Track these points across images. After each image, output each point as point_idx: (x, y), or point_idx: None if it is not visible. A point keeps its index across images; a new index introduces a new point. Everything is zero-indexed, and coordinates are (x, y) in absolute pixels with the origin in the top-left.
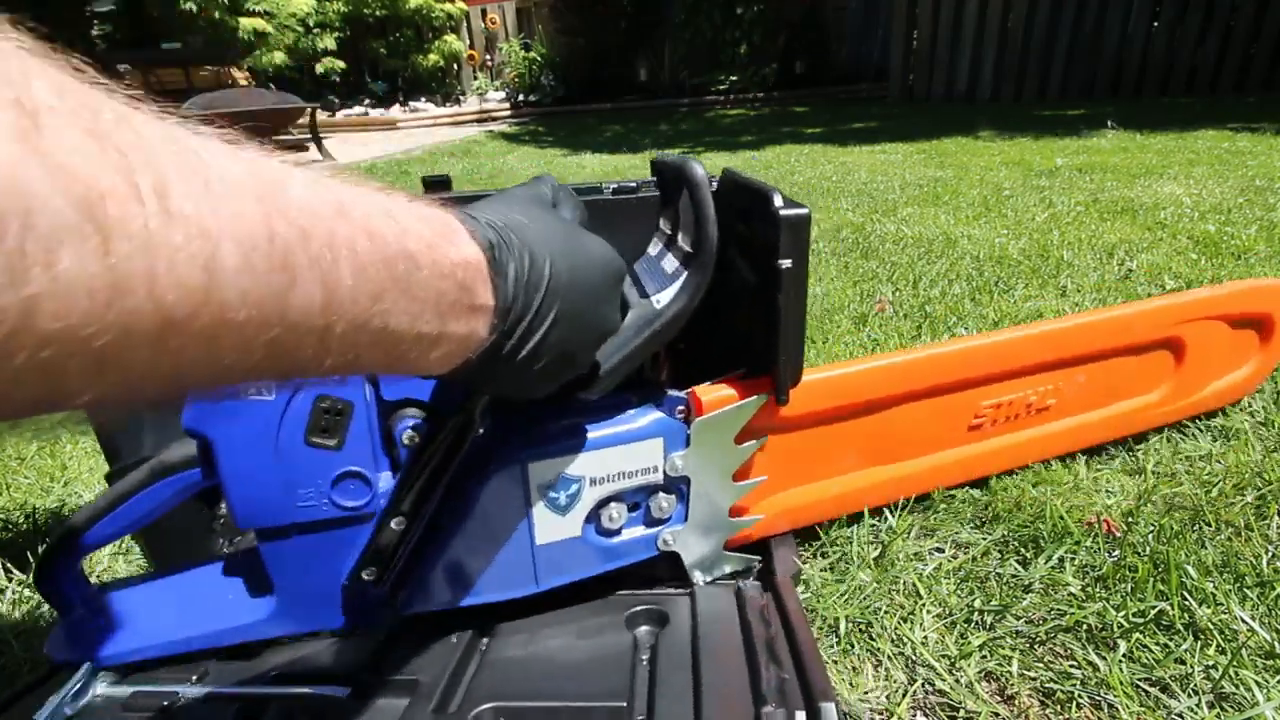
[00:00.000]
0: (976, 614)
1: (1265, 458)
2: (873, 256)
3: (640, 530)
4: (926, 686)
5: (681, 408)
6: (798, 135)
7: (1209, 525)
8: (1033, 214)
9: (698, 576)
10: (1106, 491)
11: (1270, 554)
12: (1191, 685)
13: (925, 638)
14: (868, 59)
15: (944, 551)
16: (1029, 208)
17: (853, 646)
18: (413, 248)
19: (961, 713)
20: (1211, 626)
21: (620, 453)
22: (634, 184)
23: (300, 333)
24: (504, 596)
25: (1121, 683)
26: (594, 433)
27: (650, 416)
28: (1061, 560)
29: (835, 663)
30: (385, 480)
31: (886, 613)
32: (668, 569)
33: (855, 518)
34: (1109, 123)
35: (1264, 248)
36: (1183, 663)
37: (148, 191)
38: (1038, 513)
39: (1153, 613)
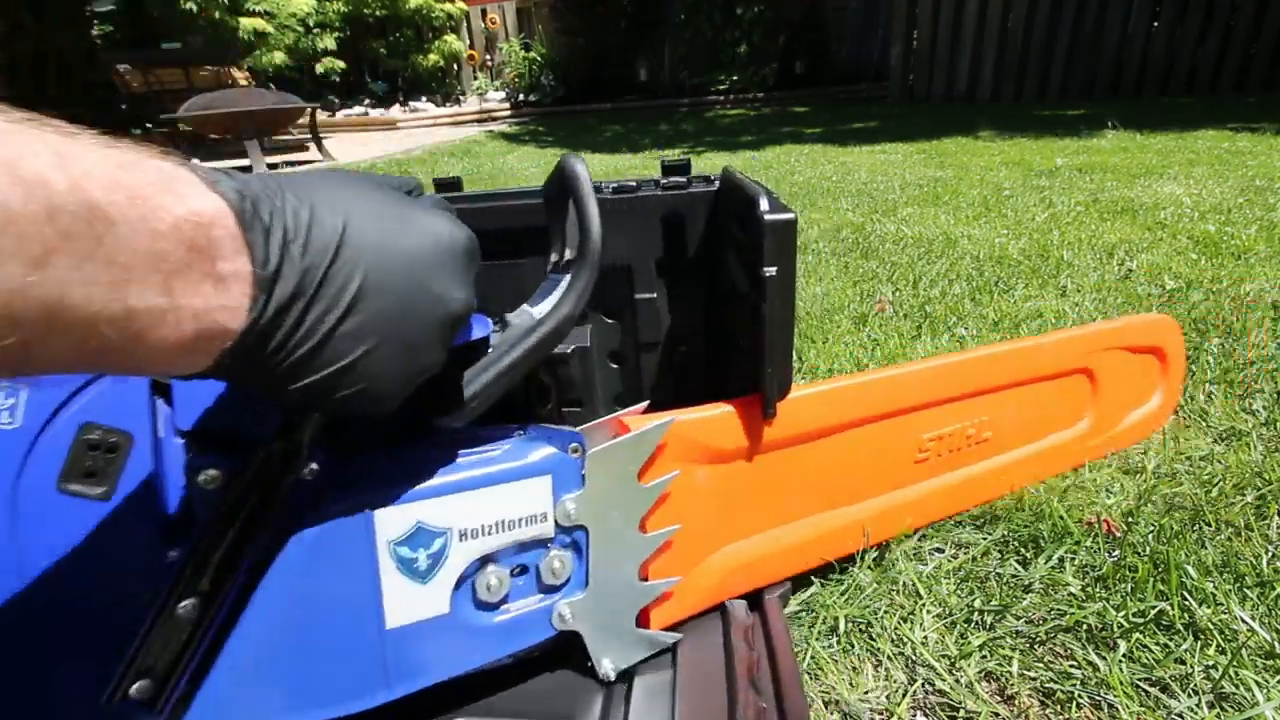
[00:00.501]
0: (976, 614)
1: (1266, 458)
2: (873, 256)
3: (531, 602)
4: (926, 686)
5: (575, 444)
6: (798, 135)
7: (1209, 525)
8: (1033, 214)
9: (607, 668)
10: (1106, 491)
11: (1270, 554)
12: (1191, 685)
13: (925, 638)
14: (868, 59)
15: (944, 551)
16: (1029, 208)
17: (853, 646)
18: (99, 197)
19: (961, 713)
20: (1211, 626)
21: (497, 496)
22: (634, 183)
23: None
24: (334, 713)
25: (1121, 683)
26: (462, 471)
27: (533, 449)
28: (1061, 560)
29: (835, 663)
30: (173, 546)
31: (886, 613)
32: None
33: None
34: (1109, 122)
35: (1264, 248)
36: (1183, 663)
37: None
38: (1038, 513)
39: (1153, 613)
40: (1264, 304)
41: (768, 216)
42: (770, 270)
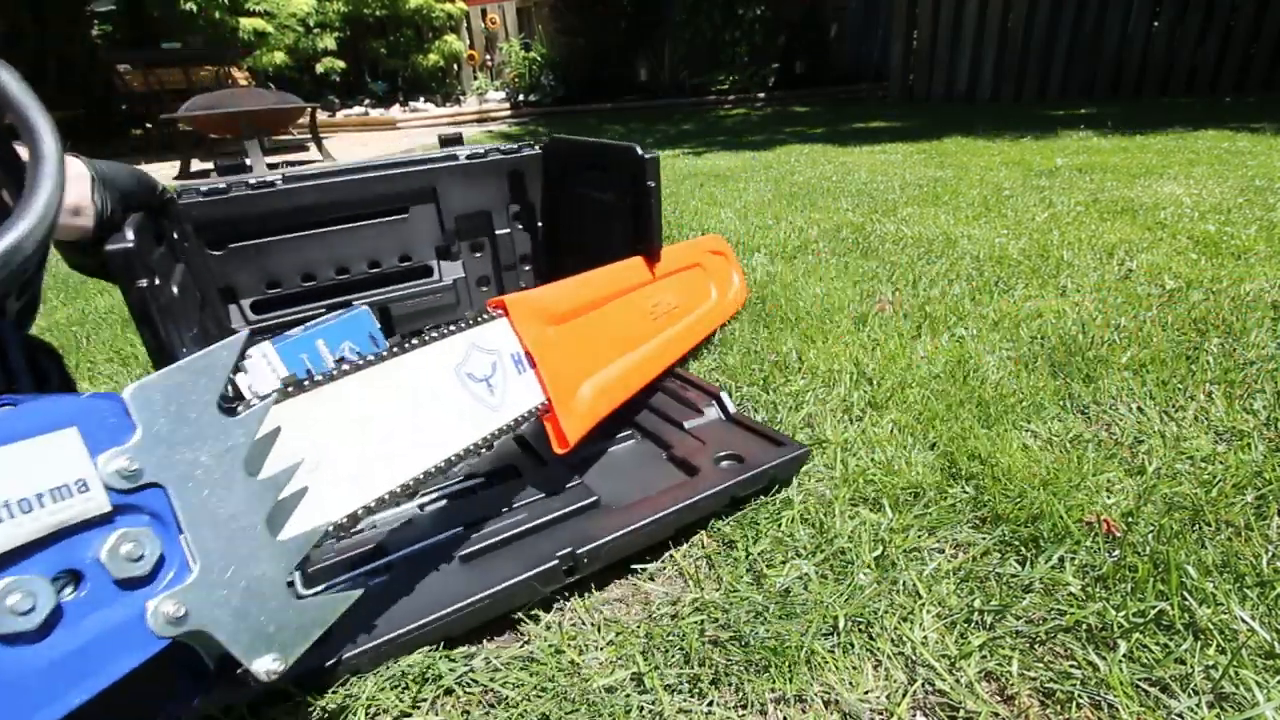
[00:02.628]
0: (976, 614)
1: (1266, 458)
2: (873, 256)
3: (108, 613)
4: (926, 686)
5: (114, 403)
6: (798, 135)
7: (1209, 525)
8: (1033, 214)
9: (269, 666)
10: (1106, 491)
11: (1270, 554)
12: (1191, 685)
13: (925, 638)
14: (868, 59)
15: (944, 551)
16: (1029, 208)
17: (853, 646)
18: None
19: (961, 713)
20: (1211, 626)
21: None
22: (482, 149)
23: None
24: None
25: (1121, 683)
26: None
27: (43, 401)
28: (1061, 560)
29: (835, 663)
30: None
31: (886, 613)
32: None
33: (855, 516)
34: (1109, 122)
35: (1264, 248)
36: (1183, 663)
37: None
38: (1037, 513)
39: (1153, 613)
40: (1264, 304)
41: (646, 155)
42: (651, 183)
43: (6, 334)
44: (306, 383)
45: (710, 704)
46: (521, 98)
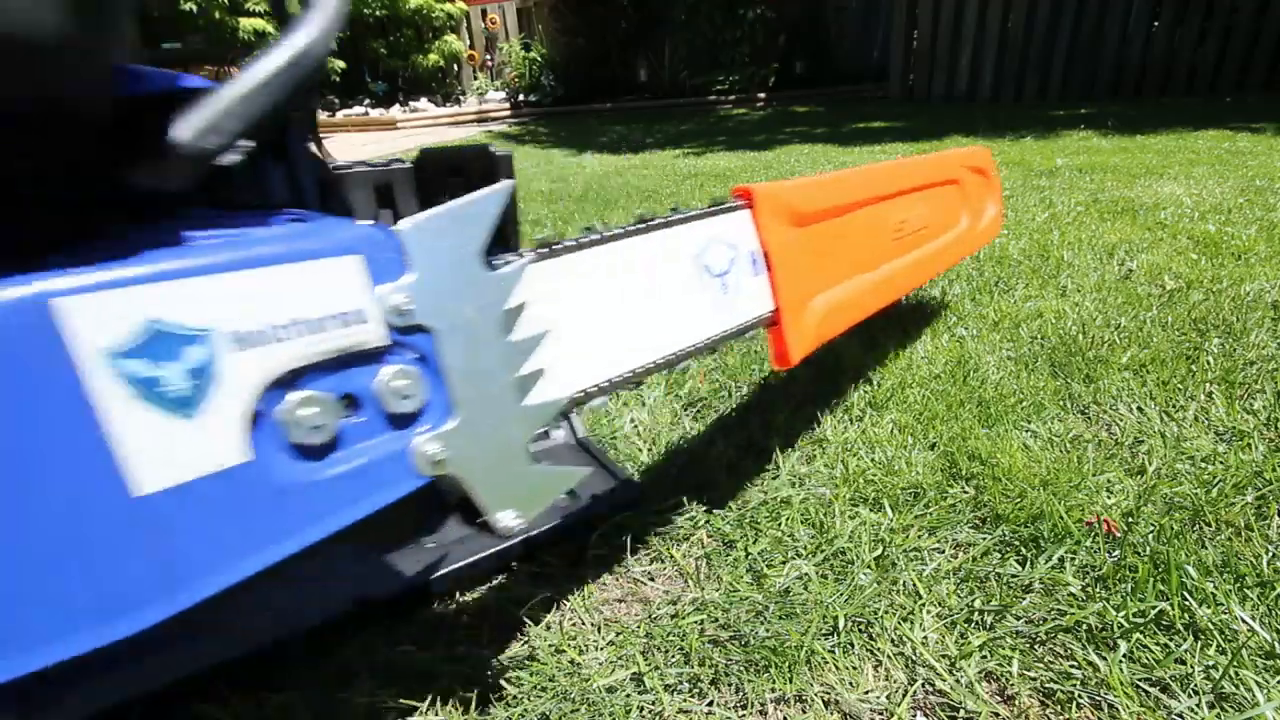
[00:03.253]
0: (976, 614)
1: (1266, 458)
2: None
3: (376, 442)
4: (926, 686)
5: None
6: (798, 135)
7: (1209, 525)
8: (1033, 214)
9: (508, 522)
10: (1107, 491)
11: (1270, 554)
12: (1191, 685)
13: (925, 638)
14: (868, 59)
15: (944, 551)
16: (1029, 208)
17: (853, 646)
18: None
19: (961, 713)
20: (1211, 626)
21: (282, 279)
22: (360, 162)
23: None
24: (71, 652)
25: (1121, 683)
26: (218, 251)
27: (330, 223)
28: (1061, 560)
29: (835, 663)
30: None
31: (886, 613)
32: None
33: (855, 516)
34: (1110, 122)
35: (1264, 248)
36: (1183, 663)
37: None
38: (1038, 513)
39: (1153, 613)
40: (1264, 304)
41: (499, 154)
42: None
43: (294, 146)
44: (557, 246)
45: (710, 704)
46: (521, 98)
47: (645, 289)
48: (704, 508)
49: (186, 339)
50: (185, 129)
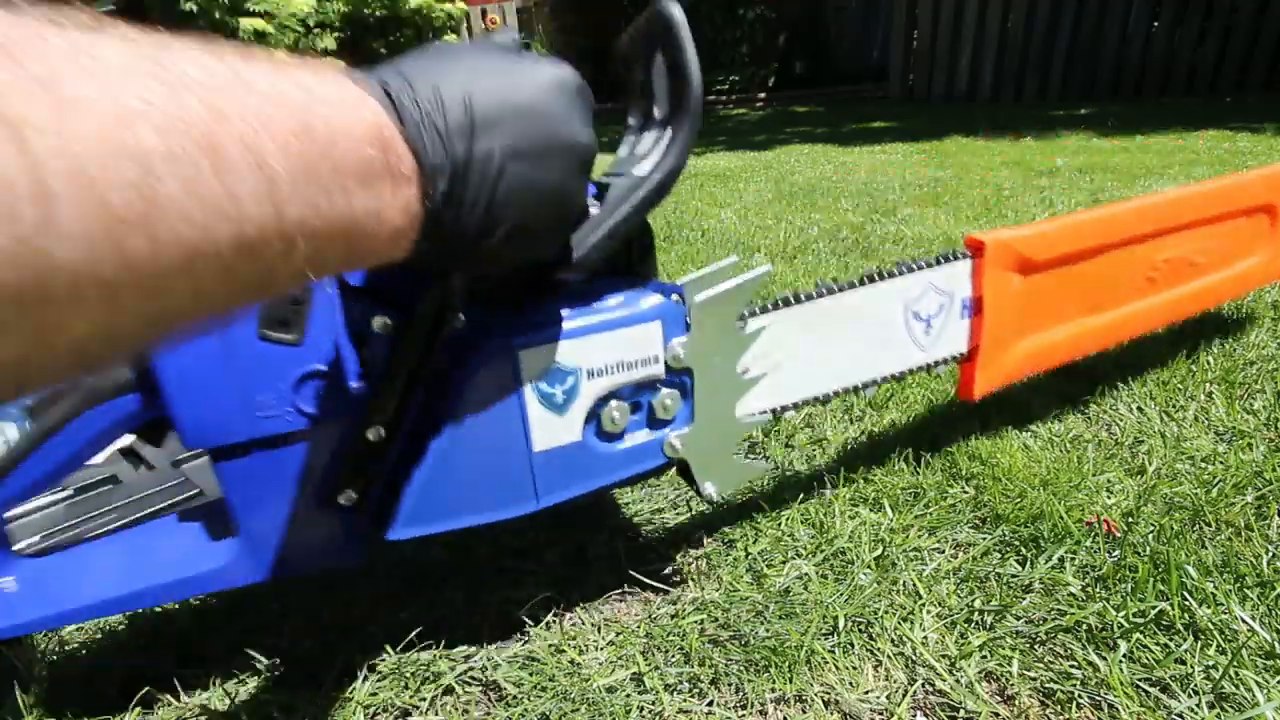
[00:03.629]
0: (976, 614)
1: (1267, 458)
2: (873, 256)
3: (645, 434)
4: (926, 686)
5: (677, 295)
6: (798, 135)
7: (1209, 525)
8: (1033, 214)
9: (711, 491)
10: (1107, 491)
11: (1270, 554)
12: (1191, 685)
13: (925, 638)
14: (868, 59)
15: (944, 551)
16: (1029, 208)
17: (853, 646)
18: (324, 113)
19: (961, 713)
20: (1211, 626)
21: (617, 339)
22: None
23: (258, 224)
24: (500, 516)
25: (1121, 683)
26: (587, 318)
27: (647, 299)
28: (1061, 560)
29: (835, 663)
30: (356, 382)
31: (886, 613)
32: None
33: (855, 516)
34: (1110, 122)
35: None
36: (1183, 663)
37: (44, 78)
38: (1038, 513)
39: (1153, 613)
40: (1264, 304)
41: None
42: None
43: (639, 231)
44: (791, 298)
45: (710, 703)
46: None
47: (854, 331)
48: (704, 507)
49: (568, 371)
50: (583, 250)
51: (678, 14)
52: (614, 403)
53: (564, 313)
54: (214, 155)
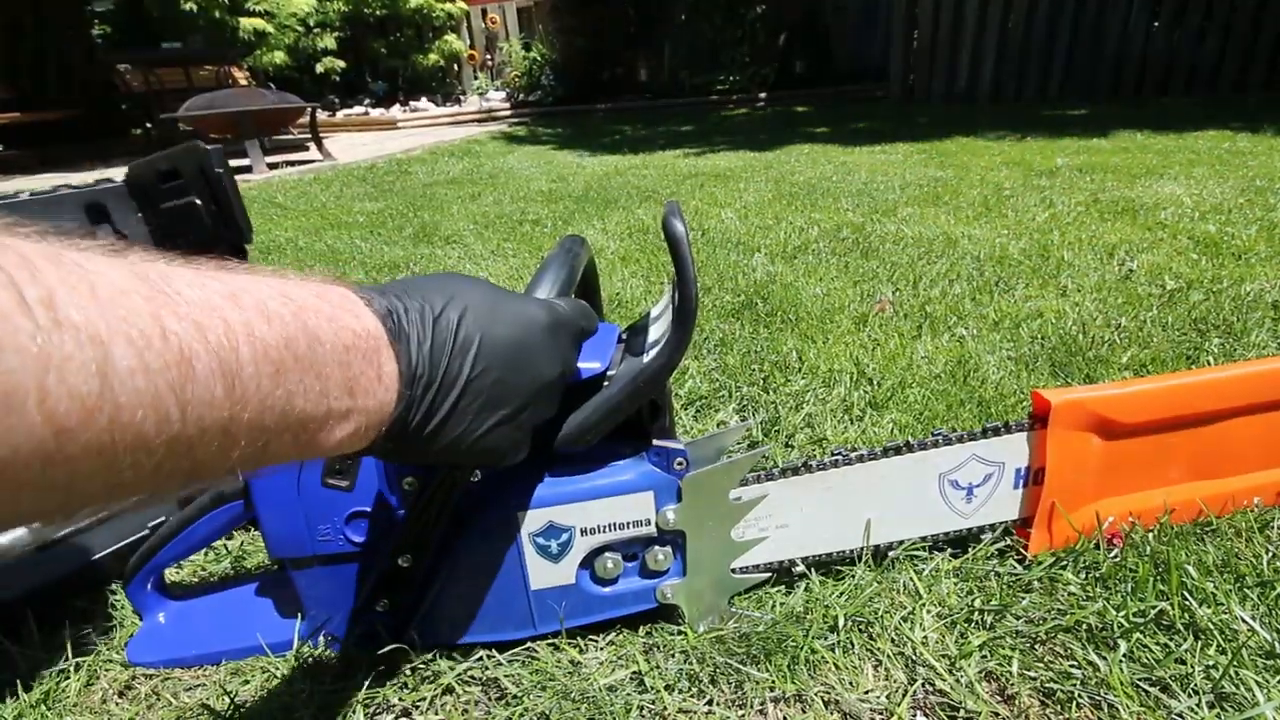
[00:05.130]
0: (976, 614)
1: None
2: (873, 256)
3: (637, 581)
4: (926, 686)
5: (680, 460)
6: (798, 135)
7: (1210, 525)
8: (1033, 214)
9: (700, 627)
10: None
11: (1271, 554)
12: (1191, 685)
13: (925, 637)
14: (868, 59)
15: (944, 552)
16: (1029, 208)
17: (852, 646)
18: (312, 324)
19: (961, 713)
20: (1212, 626)
21: (609, 505)
22: (58, 186)
23: (204, 425)
24: (503, 638)
25: (1122, 683)
26: (582, 484)
27: (639, 469)
28: (1062, 560)
29: (835, 662)
30: (393, 520)
31: (886, 612)
32: None
33: None
34: (1109, 123)
35: (1264, 248)
36: (1183, 663)
37: (35, 302)
38: None
39: (1153, 613)
40: (1264, 304)
41: (210, 147)
42: (219, 170)
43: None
44: (801, 468)
45: (710, 703)
46: (522, 97)
47: (876, 493)
48: None
49: (562, 530)
50: (572, 429)
51: (678, 231)
52: (608, 554)
53: (562, 478)
54: (183, 368)
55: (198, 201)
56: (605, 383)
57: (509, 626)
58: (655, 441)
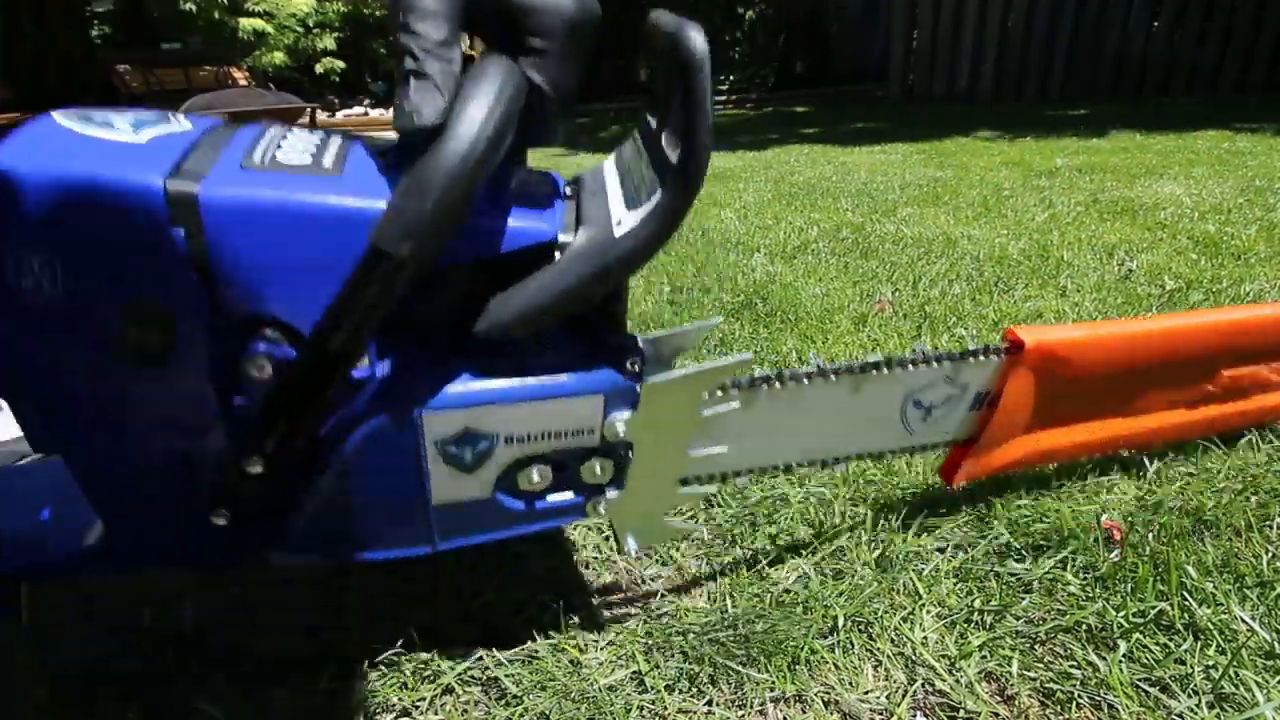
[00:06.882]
0: (976, 614)
1: (1268, 459)
2: (873, 256)
3: (565, 496)
4: (926, 686)
5: (634, 360)
6: (798, 135)
7: (1209, 526)
8: (1033, 214)
9: (629, 545)
10: (1107, 492)
11: (1271, 554)
12: (1191, 685)
13: (925, 638)
14: (868, 59)
15: (944, 552)
16: (1029, 208)
17: (852, 646)
18: None
19: (961, 713)
20: (1211, 626)
21: (547, 410)
22: None
23: None
24: (391, 555)
25: (1121, 683)
26: (513, 383)
27: (587, 369)
28: (1062, 560)
29: (835, 663)
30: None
31: (886, 613)
32: None
33: (855, 515)
34: (1109, 123)
35: (1264, 248)
36: (1183, 663)
37: None
38: (1038, 513)
39: (1153, 613)
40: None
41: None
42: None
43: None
44: (766, 386)
45: (710, 703)
46: None
47: (841, 409)
48: (704, 505)
49: (481, 437)
50: (506, 314)
51: (700, 49)
52: (535, 466)
53: (485, 372)
54: None
55: None
56: (556, 254)
57: (399, 544)
58: (607, 335)
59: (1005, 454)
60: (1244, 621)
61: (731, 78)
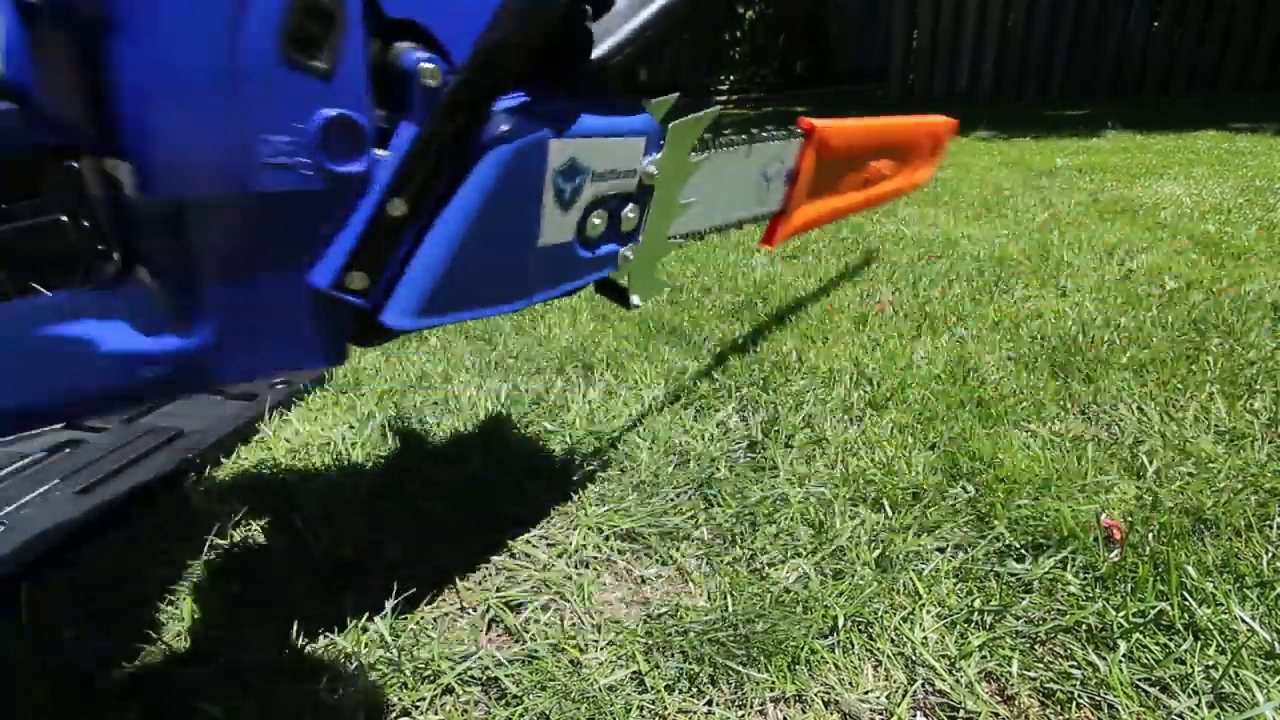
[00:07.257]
0: (976, 614)
1: (1267, 458)
2: (873, 257)
3: (611, 244)
4: (926, 686)
5: (653, 104)
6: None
7: (1209, 526)
8: (1033, 214)
9: (635, 300)
10: (1107, 492)
11: (1271, 554)
12: (1191, 685)
13: (925, 638)
14: (868, 59)
15: (944, 551)
16: (1029, 208)
17: (852, 646)
18: None
19: (961, 713)
20: (1211, 626)
21: (615, 146)
22: None
23: None
24: (495, 311)
25: (1121, 683)
26: (600, 119)
27: (639, 114)
28: (1062, 560)
29: (835, 662)
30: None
31: (886, 613)
32: None
33: (855, 516)
34: (1109, 123)
35: (1264, 248)
36: (1183, 663)
37: None
38: (1038, 513)
39: (1153, 613)
40: (1264, 304)
41: None
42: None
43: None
44: (710, 148)
45: (710, 703)
46: None
47: (740, 177)
48: (704, 506)
49: (580, 170)
50: (616, 39)
51: None
52: (598, 210)
53: (584, 108)
54: None
55: None
56: None
57: (503, 297)
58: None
59: (797, 219)
60: (1244, 621)
61: (731, 77)
